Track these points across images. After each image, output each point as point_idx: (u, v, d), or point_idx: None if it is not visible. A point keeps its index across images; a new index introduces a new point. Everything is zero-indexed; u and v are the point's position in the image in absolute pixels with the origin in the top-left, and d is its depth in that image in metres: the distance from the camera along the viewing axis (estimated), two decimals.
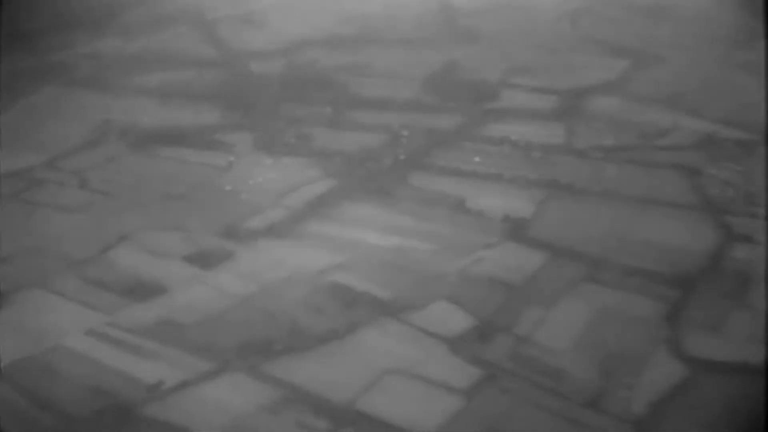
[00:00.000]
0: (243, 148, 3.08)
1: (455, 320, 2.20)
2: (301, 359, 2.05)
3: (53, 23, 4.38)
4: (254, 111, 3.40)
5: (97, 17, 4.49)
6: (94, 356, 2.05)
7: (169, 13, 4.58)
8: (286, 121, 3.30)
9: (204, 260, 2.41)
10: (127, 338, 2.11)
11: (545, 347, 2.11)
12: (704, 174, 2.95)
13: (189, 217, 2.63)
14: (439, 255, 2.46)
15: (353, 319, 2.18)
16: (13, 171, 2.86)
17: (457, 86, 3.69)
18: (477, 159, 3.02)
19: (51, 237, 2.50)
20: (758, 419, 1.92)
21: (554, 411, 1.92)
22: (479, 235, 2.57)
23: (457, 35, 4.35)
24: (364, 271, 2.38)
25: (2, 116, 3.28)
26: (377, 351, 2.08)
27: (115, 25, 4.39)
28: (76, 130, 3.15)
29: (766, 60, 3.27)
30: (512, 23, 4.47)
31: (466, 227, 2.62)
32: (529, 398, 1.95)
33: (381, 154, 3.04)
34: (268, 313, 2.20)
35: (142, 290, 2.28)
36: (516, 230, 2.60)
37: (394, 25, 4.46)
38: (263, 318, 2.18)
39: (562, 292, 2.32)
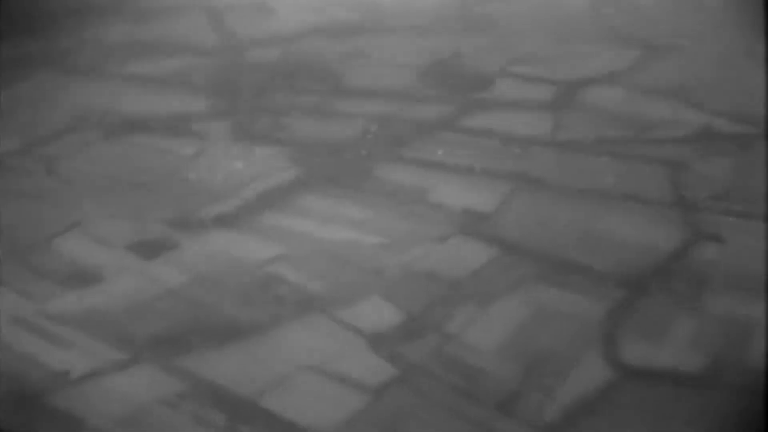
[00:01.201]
0: (217, 137, 3.07)
1: (384, 316, 2.16)
2: (217, 352, 2.03)
3: (66, 9, 4.43)
4: (238, 99, 3.39)
5: (115, 3, 4.54)
6: (11, 343, 2.06)
7: (184, 1, 4.60)
8: (269, 111, 3.28)
9: (147, 250, 2.40)
10: (48, 327, 2.12)
11: (471, 347, 2.06)
12: (691, 169, 2.85)
13: (145, 205, 2.63)
14: (386, 249, 2.42)
15: (280, 313, 2.15)
16: None
17: (453, 76, 3.63)
18: (452, 151, 2.97)
19: (4, 223, 2.52)
20: None
21: (461, 413, 1.87)
22: (433, 229, 2.53)
23: (469, 24, 4.29)
24: (305, 264, 2.35)
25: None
26: (296, 346, 2.05)
27: (128, 12, 4.42)
28: (60, 117, 3.18)
29: (766, 60, 3.16)
30: (531, 12, 4.38)
31: (421, 221, 2.57)
32: (439, 400, 1.90)
33: (354, 145, 3.00)
34: (195, 305, 2.18)
35: (78, 279, 2.29)
36: (472, 224, 2.55)
37: (407, 13, 4.41)
38: (189, 309, 2.17)
39: (502, 290, 2.26)
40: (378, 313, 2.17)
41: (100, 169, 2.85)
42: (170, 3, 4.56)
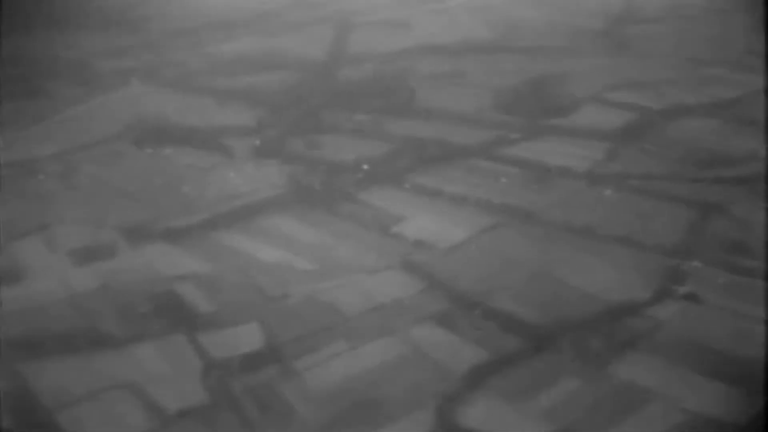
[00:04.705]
0: (241, 153, 3.15)
1: (243, 344, 2.13)
2: (57, 361, 2.09)
3: (199, 24, 4.73)
4: (289, 116, 3.45)
5: (251, 18, 4.78)
6: None
7: (323, 15, 4.75)
8: (312, 128, 3.32)
9: (83, 256, 2.52)
10: None
11: (300, 385, 1.99)
12: (725, 212, 2.57)
13: (118, 213, 2.75)
14: (308, 276, 2.39)
15: (147, 330, 2.19)
16: (17, 160, 3.16)
17: (538, 99, 3.49)
18: (462, 179, 2.86)
19: None
20: None
21: None
22: (374, 259, 2.45)
23: (599, 45, 4.11)
24: (212, 284, 2.37)
25: (79, 106, 3.63)
26: (133, 365, 2.08)
27: (259, 27, 4.64)
28: (111, 126, 3.41)
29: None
30: (676, 34, 4.12)
31: (368, 250, 2.51)
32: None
33: (359, 166, 2.98)
34: (81, 313, 2.27)
35: (3, 278, 2.45)
36: (416, 258, 2.44)
37: (542, 33, 4.30)
38: (72, 317, 2.25)
39: (390, 329, 2.15)
40: (241, 340, 2.14)
41: (109, 178, 3.02)
42: (305, 17, 4.73)
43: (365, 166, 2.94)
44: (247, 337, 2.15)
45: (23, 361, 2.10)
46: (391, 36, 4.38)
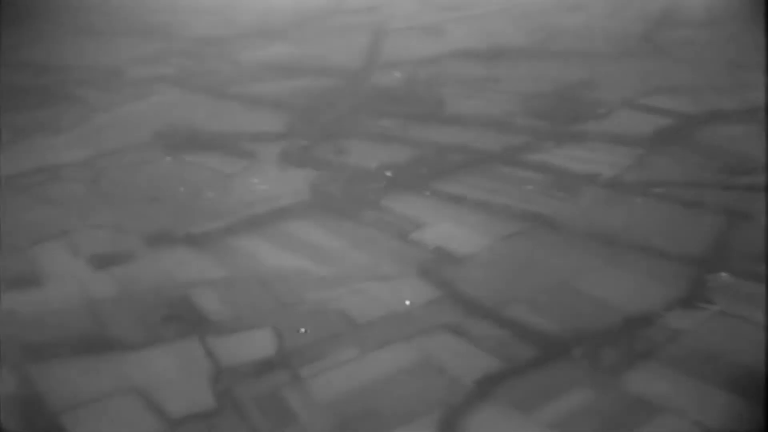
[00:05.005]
0: (265, 158, 3.16)
1: (255, 350, 2.13)
2: (67, 364, 2.10)
3: (238, 31, 4.76)
4: (317, 122, 3.45)
5: (289, 25, 4.80)
6: None
7: (360, 22, 4.76)
8: (339, 134, 3.32)
9: (103, 261, 2.54)
10: None
11: (306, 393, 1.98)
12: (755, 221, 2.52)
13: (142, 218, 2.77)
14: (323, 282, 2.38)
15: (160, 335, 2.19)
16: (46, 166, 3.19)
17: (567, 104, 3.46)
18: (486, 185, 2.84)
19: (11, 227, 2.78)
20: None
21: None
22: (390, 266, 2.44)
23: (644, 49, 4.08)
24: (227, 290, 2.37)
25: (110, 113, 3.67)
26: (143, 369, 2.08)
27: (295, 34, 4.66)
28: (142, 133, 3.43)
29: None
30: (717, 39, 4.07)
31: (386, 257, 2.49)
32: None
33: (382, 173, 2.97)
34: (97, 317, 2.28)
35: (22, 281, 2.47)
36: (434, 266, 2.43)
37: (578, 38, 4.26)
38: (88, 321, 2.26)
39: (403, 336, 2.14)
40: (252, 346, 2.14)
41: (135, 183, 3.03)
42: (342, 24, 4.74)
43: (388, 173, 2.92)
44: (259, 343, 2.14)
45: (33, 363, 2.11)
46: (426, 42, 4.38)
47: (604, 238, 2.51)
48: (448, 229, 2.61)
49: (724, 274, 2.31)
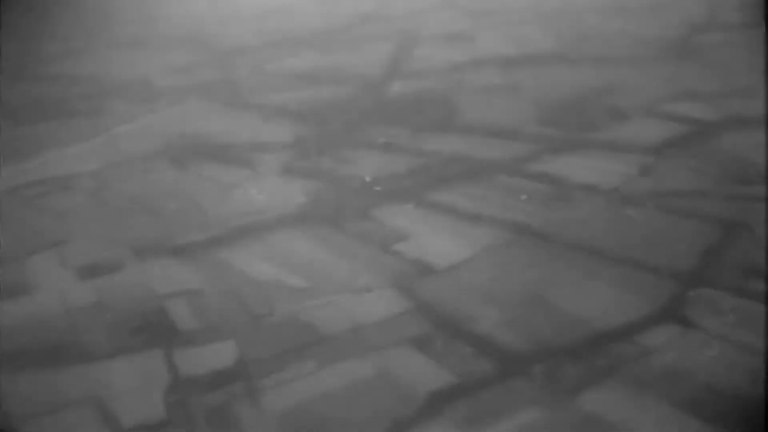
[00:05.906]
0: (266, 168, 3.18)
1: (213, 362, 2.14)
2: (29, 374, 2.14)
3: (262, 42, 4.80)
4: (327, 131, 3.47)
5: (323, 34, 4.83)
6: None
7: (389, 30, 4.76)
8: (342, 144, 3.33)
9: (90, 272, 2.58)
10: None
11: (257, 406, 1.98)
12: (751, 233, 2.46)
13: (134, 229, 2.81)
14: (296, 294, 2.39)
15: (123, 346, 2.22)
16: (55, 177, 3.27)
17: (582, 111, 3.42)
18: (481, 195, 2.82)
19: (12, 237, 2.85)
20: None
21: None
22: (367, 278, 2.44)
23: (671, 54, 4.01)
24: (199, 301, 2.39)
25: (129, 124, 3.74)
26: (103, 380, 2.11)
27: (319, 43, 4.68)
28: (152, 142, 3.49)
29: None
30: (756, 44, 3.98)
31: (364, 268, 2.49)
32: None
33: (377, 183, 2.97)
34: (71, 327, 2.32)
35: (10, 291, 2.53)
36: (410, 278, 2.42)
37: (608, 43, 4.22)
38: (61, 331, 2.31)
39: (363, 350, 2.13)
40: (213, 358, 2.15)
41: (136, 194, 3.08)
42: (371, 32, 4.74)
43: (378, 188, 2.92)
44: (220, 355, 2.15)
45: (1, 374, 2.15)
46: (452, 50, 4.36)
47: (590, 250, 2.47)
48: (432, 241, 2.59)
49: (707, 289, 2.25)
